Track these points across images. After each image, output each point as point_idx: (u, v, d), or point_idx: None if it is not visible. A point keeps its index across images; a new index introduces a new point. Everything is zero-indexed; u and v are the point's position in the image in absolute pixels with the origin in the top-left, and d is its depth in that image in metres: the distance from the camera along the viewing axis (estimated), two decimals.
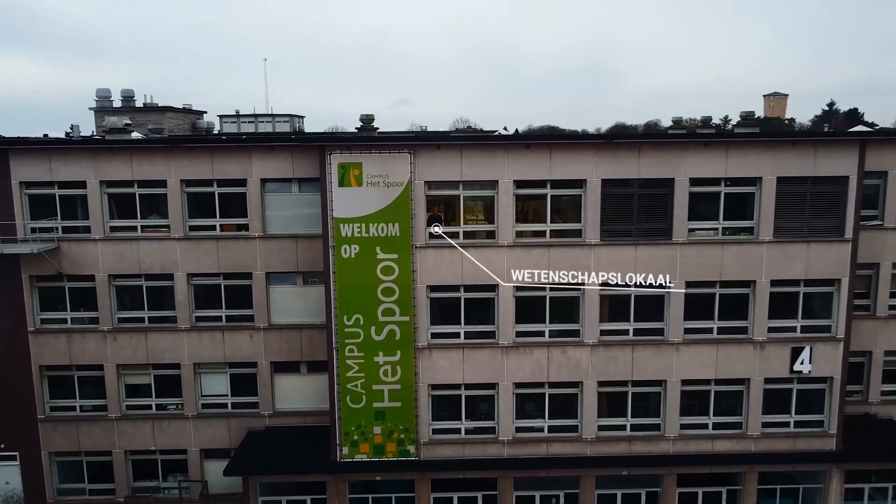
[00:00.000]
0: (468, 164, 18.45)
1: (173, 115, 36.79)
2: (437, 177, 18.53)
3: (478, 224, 19.40)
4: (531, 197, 19.26)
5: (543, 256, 18.88)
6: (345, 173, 18.17)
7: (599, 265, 18.98)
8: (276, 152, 19.79)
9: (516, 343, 19.35)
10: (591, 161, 18.61)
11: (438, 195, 19.06)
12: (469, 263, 18.81)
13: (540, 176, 18.64)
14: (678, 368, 19.64)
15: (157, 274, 20.21)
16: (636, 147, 18.66)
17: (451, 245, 18.74)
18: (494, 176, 18.57)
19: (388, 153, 18.16)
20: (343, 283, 18.63)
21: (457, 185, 18.77)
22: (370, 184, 18.20)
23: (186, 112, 38.41)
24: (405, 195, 18.27)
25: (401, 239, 18.46)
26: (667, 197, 18.96)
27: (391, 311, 18.81)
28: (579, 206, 18.99)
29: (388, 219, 18.34)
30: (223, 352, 20.66)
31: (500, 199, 18.62)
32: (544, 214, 19.10)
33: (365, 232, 18.38)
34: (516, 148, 18.48)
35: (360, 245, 18.42)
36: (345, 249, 18.46)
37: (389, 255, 18.52)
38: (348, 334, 18.85)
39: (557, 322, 19.59)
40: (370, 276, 18.58)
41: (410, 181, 18.27)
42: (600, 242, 18.90)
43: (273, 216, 20.26)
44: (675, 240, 18.97)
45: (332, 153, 18.14)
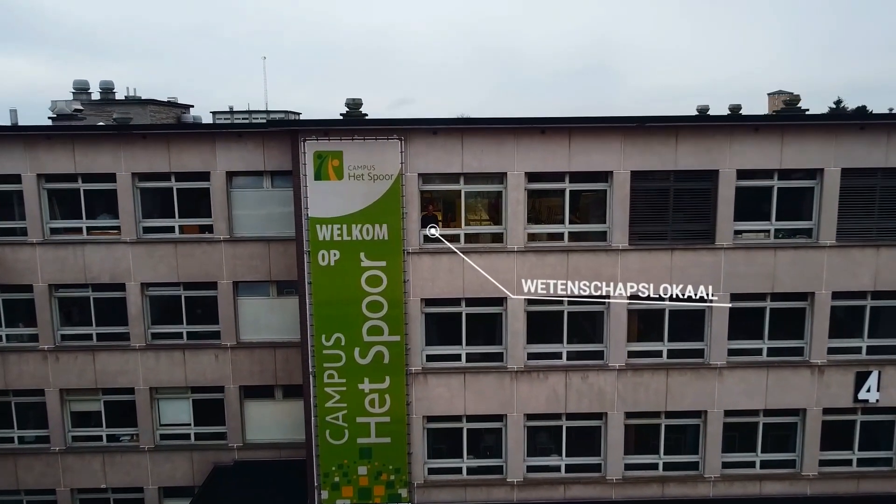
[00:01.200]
0: (471, 153, 15.20)
1: (156, 109, 33.42)
2: (433, 168, 15.29)
3: (482, 225, 16.16)
4: (546, 193, 16.00)
5: (561, 264, 15.62)
6: (322, 164, 14.95)
7: (628, 274, 15.70)
8: (243, 141, 16.62)
9: (528, 367, 16.08)
10: (619, 149, 15.33)
11: (435, 190, 15.83)
12: (472, 272, 15.57)
13: (557, 167, 15.37)
14: (721, 397, 16.33)
15: (107, 284, 17.02)
16: (673, 132, 15.36)
17: (450, 250, 15.51)
18: (502, 167, 15.32)
19: (375, 140, 14.93)
20: (320, 295, 15.40)
21: (457, 179, 15.52)
22: (353, 177, 14.97)
23: (171, 105, 35.22)
24: (395, 191, 15.04)
25: (390, 243, 15.23)
26: (709, 193, 15.66)
27: (378, 330, 15.56)
28: (604, 203, 15.72)
29: (374, 219, 15.11)
30: (184, 374, 17.48)
31: (508, 196, 15.37)
32: (562, 214, 15.83)
33: (346, 235, 15.15)
34: (529, 133, 15.22)
35: (341, 250, 15.20)
36: (322, 256, 15.24)
37: (376, 262, 15.28)
38: (327, 357, 15.61)
39: (577, 342, 16.31)
40: (353, 288, 15.35)
41: (401, 174, 15.03)
42: (629, 247, 15.62)
43: (242, 216, 17.09)
44: (719, 244, 15.67)
45: (306, 140, 14.93)
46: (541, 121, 14.96)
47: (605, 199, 15.69)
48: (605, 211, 15.69)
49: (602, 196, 15.73)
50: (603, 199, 15.73)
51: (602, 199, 15.75)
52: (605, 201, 15.69)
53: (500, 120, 14.95)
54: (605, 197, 15.68)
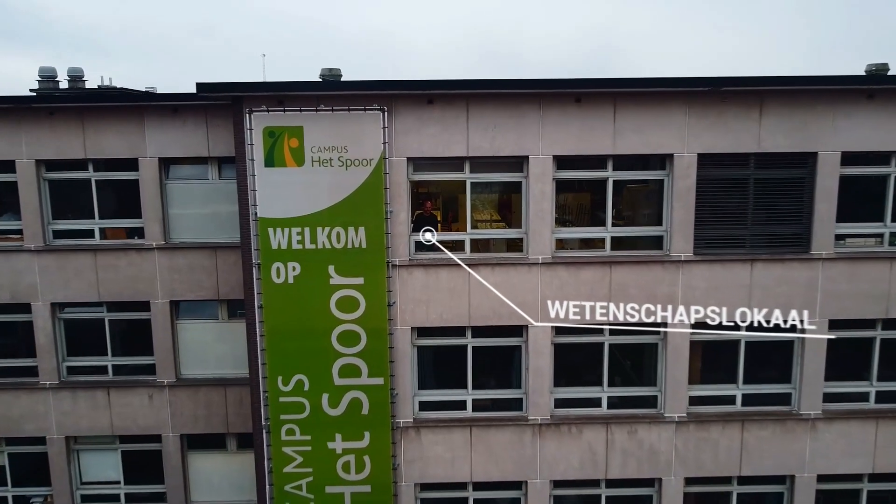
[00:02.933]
0: (480, 130, 10.99)
1: None
2: (428, 150, 11.08)
3: (494, 228, 11.98)
4: (581, 184, 11.78)
5: (601, 280, 11.39)
6: (275, 145, 10.77)
7: (692, 294, 11.45)
8: (182, 117, 12.47)
9: (556, 418, 11.86)
10: (682, 124, 11.08)
11: (431, 181, 11.66)
12: (480, 291, 11.37)
13: (596, 149, 11.13)
14: (813, 457, 12.04)
15: (6, 304, 12.92)
16: (756, 101, 11.07)
17: (451, 262, 11.32)
18: (523, 149, 11.10)
19: (348, 111, 10.74)
20: (275, 323, 11.23)
21: (461, 165, 11.33)
22: (317, 162, 10.79)
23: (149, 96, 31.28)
24: (375, 182, 10.86)
25: (369, 253, 11.05)
26: (803, 183, 11.38)
27: (354, 370, 11.37)
28: (660, 198, 11.46)
29: (347, 220, 10.92)
30: (110, 420, 13.36)
31: (531, 188, 11.15)
32: (602, 213, 11.63)
33: (310, 241, 10.97)
34: (559, 102, 10.97)
35: (303, 262, 11.02)
36: (277, 270, 11.06)
37: (350, 278, 11.09)
38: (286, 406, 11.43)
39: (621, 384, 12.07)
40: (319, 314, 11.16)
41: (384, 158, 10.85)
42: (694, 257, 11.38)
43: (181, 216, 12.95)
44: (816, 253, 11.40)
45: (252, 111, 10.76)
46: (575, 83, 10.70)
47: (660, 193, 11.43)
48: (662, 209, 11.44)
49: (657, 188, 11.49)
50: (658, 193, 11.47)
51: (657, 192, 11.50)
52: (661, 195, 11.43)
53: (521, 83, 10.70)
54: (660, 189, 11.42)
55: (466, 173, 11.25)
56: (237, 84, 10.52)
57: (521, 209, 11.36)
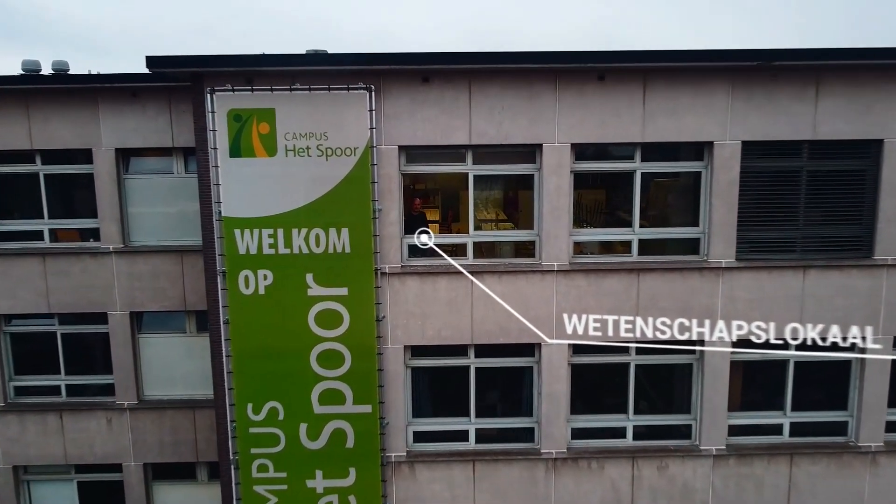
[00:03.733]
0: (484, 113, 9.27)
1: None
2: (423, 138, 9.35)
3: (501, 230, 10.27)
4: (595, 179, 10.06)
5: (627, 290, 9.64)
6: (242, 131, 9.06)
7: (734, 306, 9.70)
8: (141, 102, 10.78)
9: (573, 451, 10.12)
10: (725, 106, 9.32)
11: (427, 174, 9.96)
12: (485, 303, 9.65)
13: (623, 136, 9.38)
14: (874, 496, 10.28)
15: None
16: (813, 78, 9.30)
17: (451, 269, 9.59)
18: (536, 136, 9.36)
19: (327, 90, 9.03)
20: (244, 342, 9.51)
21: (462, 156, 9.60)
22: (292, 151, 9.08)
23: None
24: (361, 175, 9.13)
25: (354, 258, 9.32)
26: (864, 176, 9.62)
27: (337, 396, 9.65)
28: (696, 195, 9.72)
29: (328, 220, 9.21)
30: (63, 447, 11.69)
31: (544, 182, 9.42)
32: (622, 212, 9.90)
33: (284, 245, 9.26)
34: (579, 79, 9.23)
35: (276, 270, 9.30)
36: (245, 279, 9.35)
37: (332, 288, 9.37)
38: (257, 438, 9.72)
39: (649, 412, 10.35)
40: (296, 330, 9.43)
41: (371, 147, 9.14)
42: (736, 264, 9.62)
43: (142, 215, 11.27)
44: (880, 258, 9.63)
45: (215, 91, 9.04)
46: (599, 57, 8.94)
47: (697, 188, 9.69)
48: (699, 206, 9.69)
49: (693, 183, 9.74)
50: (694, 188, 9.72)
51: (693, 187, 9.75)
52: (696, 191, 9.70)
53: (533, 55, 8.93)
54: (697, 184, 9.68)
55: (469, 165, 9.51)
56: (195, 58, 8.79)
57: (532, 207, 9.63)
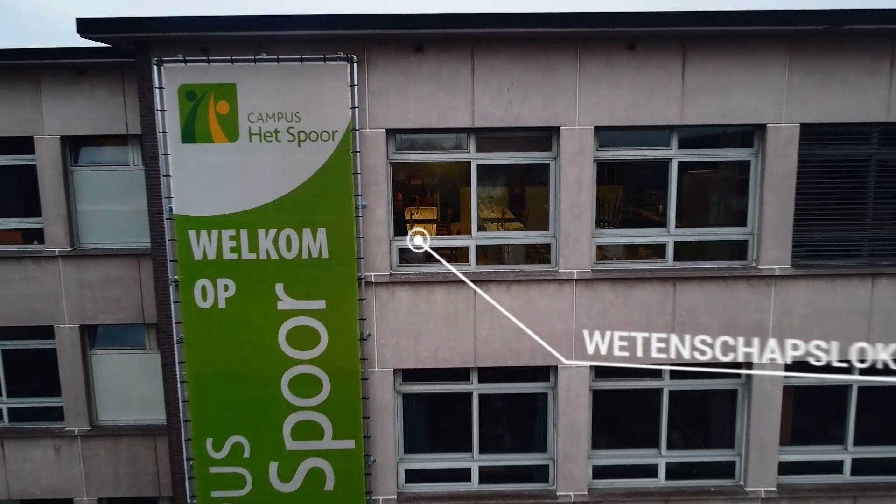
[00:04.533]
0: (490, 90, 7.66)
1: None
2: (416, 119, 7.74)
3: (510, 231, 8.66)
4: (631, 168, 8.45)
5: (661, 302, 8.04)
6: (197, 111, 7.46)
7: (788, 322, 8.09)
8: (90, 82, 9.18)
9: (596, 493, 8.49)
10: (781, 80, 7.70)
11: (421, 164, 8.36)
12: (491, 318, 8.05)
13: (657, 117, 7.76)
14: None
15: None
16: (888, 47, 7.70)
17: (449, 277, 7.99)
18: (552, 118, 7.74)
19: (300, 61, 7.43)
20: (202, 365, 7.93)
21: (464, 141, 8.01)
22: (258, 136, 7.49)
23: None
24: (341, 163, 7.54)
25: (333, 265, 7.73)
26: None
27: (314, 429, 8.05)
28: (743, 189, 8.12)
29: (301, 219, 7.61)
30: (5, 480, 10.13)
31: (563, 173, 7.82)
32: (659, 208, 8.30)
33: (248, 250, 7.68)
34: (605, 49, 7.61)
35: (239, 279, 7.72)
36: (203, 290, 7.76)
37: (307, 301, 7.78)
38: (219, 479, 8.13)
39: (684, 446, 8.73)
40: (264, 351, 7.85)
41: (353, 130, 7.54)
42: (791, 271, 8.01)
43: (92, 214, 9.68)
44: None
45: (163, 62, 7.46)
46: (628, 19, 7.30)
47: (745, 181, 8.08)
48: (747, 203, 8.09)
49: (739, 175, 8.13)
50: (741, 182, 8.12)
51: (739, 180, 8.14)
52: (745, 185, 8.08)
53: (550, 17, 7.30)
54: (745, 176, 8.07)
55: (471, 153, 7.91)
56: (138, 20, 7.17)
57: (550, 204, 8.03)
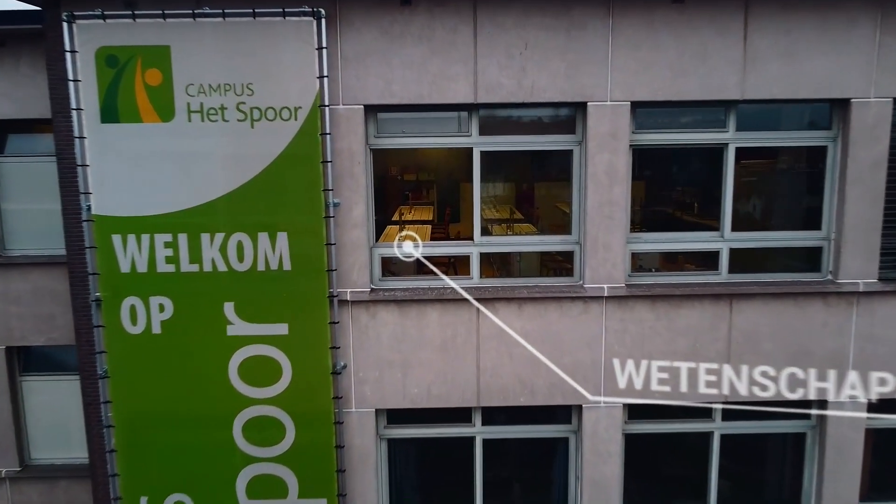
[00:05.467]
0: (497, 54, 5.97)
1: None
2: (403, 92, 6.02)
3: (523, 237, 7.00)
4: (674, 153, 6.78)
5: (712, 326, 6.35)
6: (120, 81, 5.80)
7: (873, 351, 6.39)
8: (13, 54, 7.49)
9: None
10: (868, 43, 6.00)
11: (408, 150, 6.70)
12: (499, 345, 6.38)
13: (711, 91, 6.02)
14: None
15: None
16: None
17: (445, 293, 6.31)
18: (575, 91, 6.03)
19: (252, 15, 5.77)
20: (131, 404, 6.24)
21: (463, 122, 6.35)
22: (199, 114, 5.82)
23: None
24: (306, 149, 5.84)
25: (296, 279, 6.05)
26: None
27: (274, 485, 6.37)
28: (816, 182, 6.45)
29: (255, 221, 5.93)
30: None
31: (589, 162, 6.12)
32: (694, 206, 6.63)
33: (189, 260, 6.01)
34: (645, 1, 5.98)
35: (178, 297, 6.05)
36: (132, 311, 6.09)
37: (264, 325, 6.10)
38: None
39: (737, 502, 7.06)
40: (211, 388, 6.20)
41: (321, 106, 5.88)
42: (879, 287, 6.27)
43: (19, 214, 8.06)
44: None
45: (74, 16, 5.81)
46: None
47: (819, 173, 6.40)
48: (822, 200, 6.41)
49: (812, 163, 6.46)
50: (813, 174, 6.45)
51: (812, 170, 6.47)
52: (819, 177, 6.40)
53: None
54: (820, 165, 6.40)
55: (473, 136, 6.23)
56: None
57: (572, 199, 6.36)
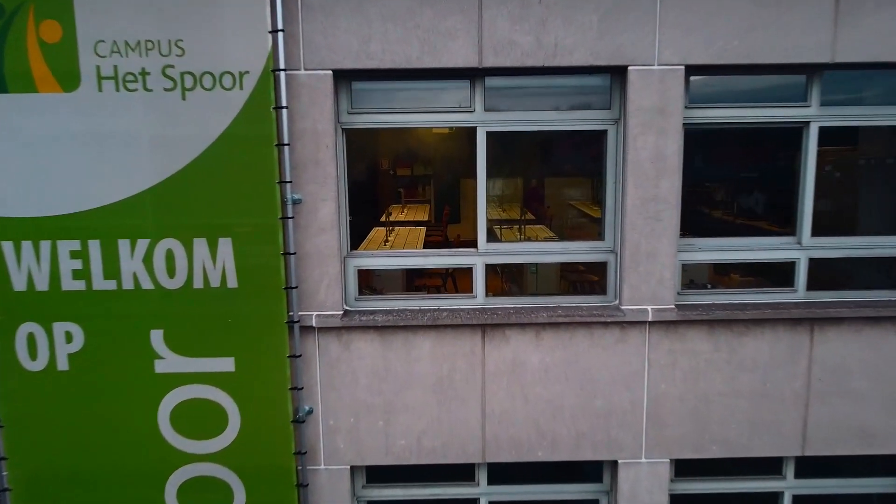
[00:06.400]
0: (507, 1, 4.58)
1: None
2: (385, 55, 4.60)
3: (541, 243, 5.59)
4: (728, 136, 5.35)
5: (786, 360, 4.86)
6: (5, 37, 4.39)
7: None
8: None
9: None
10: None
11: (392, 130, 5.31)
12: (509, 384, 4.93)
13: (791, 52, 4.53)
14: None
15: None
16: None
17: (439, 316, 4.89)
18: (612, 52, 4.57)
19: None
20: (31, 461, 4.81)
21: (464, 94, 4.92)
22: (112, 81, 4.40)
23: None
24: (255, 128, 4.39)
25: (244, 298, 4.61)
26: None
27: None
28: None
29: (188, 224, 4.55)
30: None
31: (629, 145, 4.68)
32: (777, 200, 5.19)
33: (103, 274, 4.59)
34: None
35: (89, 322, 4.63)
36: (29, 341, 4.64)
37: (202, 359, 4.69)
38: None
39: None
40: (134, 439, 4.78)
41: (275, 71, 4.47)
42: None
43: None
44: None
45: None
46: None
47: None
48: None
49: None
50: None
51: None
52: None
53: None
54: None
55: (477, 113, 4.80)
56: None
57: (603, 194, 4.93)
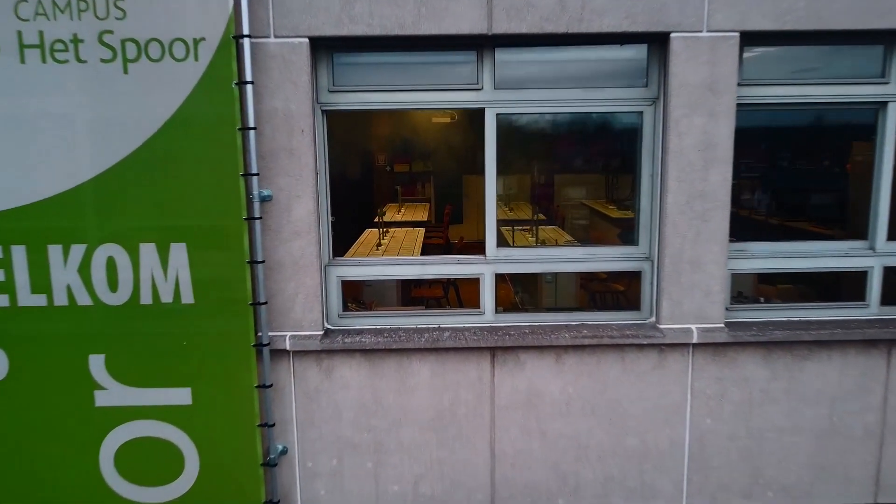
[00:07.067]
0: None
1: None
2: (372, 19, 3.68)
3: (562, 248, 4.91)
4: (777, 121, 4.52)
5: (857, 390, 3.97)
6: None
7: None
8: None
9: None
10: None
11: (382, 111, 4.59)
12: (524, 419, 4.08)
13: (865, 16, 3.77)
14: None
15: None
16: None
17: (439, 338, 4.07)
18: (650, 16, 3.63)
19: None
20: None
21: (468, 71, 4.10)
22: (39, 50, 3.60)
23: None
24: (214, 108, 3.57)
25: (202, 316, 3.81)
26: None
27: None
28: None
29: (136, 225, 3.76)
30: None
31: (670, 130, 3.76)
32: (836, 200, 4.36)
33: (31, 289, 3.72)
34: None
35: (16, 346, 3.76)
36: None
37: (153, 389, 3.85)
38: None
39: None
40: (69, 486, 3.92)
41: (237, 37, 3.66)
42: None
43: None
44: None
45: None
46: None
47: None
48: None
49: None
50: None
51: None
52: None
53: None
54: None
55: (486, 91, 3.96)
56: None
57: (636, 188, 4.11)
